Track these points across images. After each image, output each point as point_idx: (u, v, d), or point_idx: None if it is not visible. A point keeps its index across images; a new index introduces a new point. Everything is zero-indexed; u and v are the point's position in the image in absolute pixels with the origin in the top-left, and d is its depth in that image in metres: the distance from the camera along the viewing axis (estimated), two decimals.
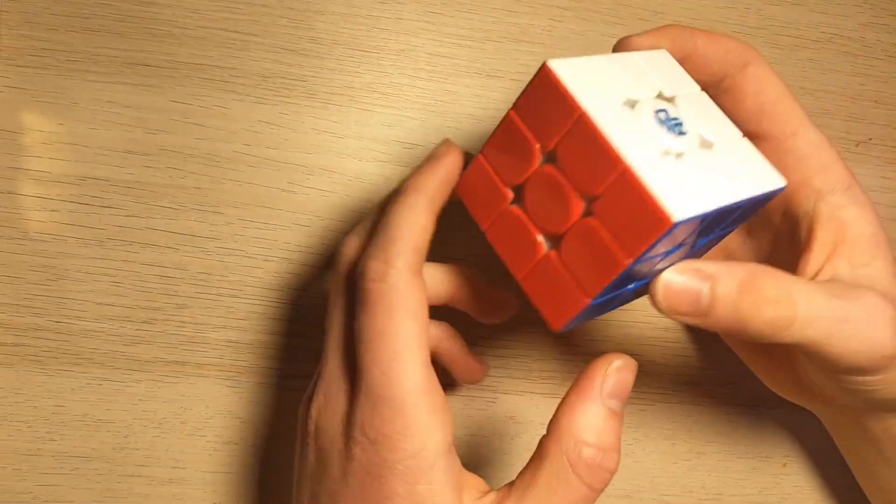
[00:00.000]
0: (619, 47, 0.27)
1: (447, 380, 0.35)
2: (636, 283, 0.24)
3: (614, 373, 0.23)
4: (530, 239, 0.24)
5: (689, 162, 0.22)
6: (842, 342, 0.24)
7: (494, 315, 0.30)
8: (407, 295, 0.23)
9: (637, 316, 0.36)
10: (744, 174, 0.23)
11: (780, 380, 0.31)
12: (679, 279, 0.23)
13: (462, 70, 0.36)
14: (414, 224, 0.24)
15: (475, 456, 0.35)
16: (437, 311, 0.29)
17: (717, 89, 0.28)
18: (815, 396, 0.30)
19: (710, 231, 0.24)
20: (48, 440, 0.32)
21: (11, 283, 0.32)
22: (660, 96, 0.24)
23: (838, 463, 0.36)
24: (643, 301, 0.25)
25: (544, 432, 0.35)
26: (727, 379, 0.37)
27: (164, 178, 0.33)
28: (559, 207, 0.22)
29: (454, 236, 0.33)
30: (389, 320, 0.23)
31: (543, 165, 0.23)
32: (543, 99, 0.22)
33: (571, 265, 0.23)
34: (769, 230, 0.29)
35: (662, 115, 0.23)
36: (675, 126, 0.23)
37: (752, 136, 0.28)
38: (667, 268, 0.23)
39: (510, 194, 0.24)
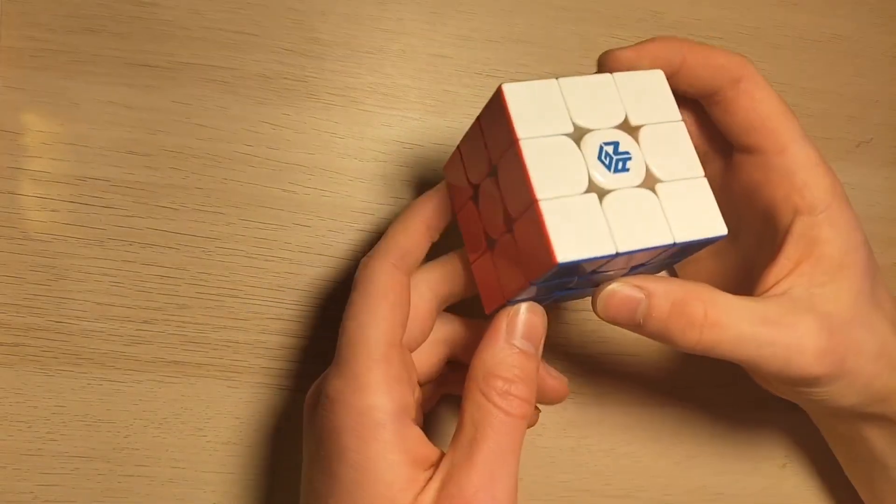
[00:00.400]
0: (603, 60, 0.27)
1: None
2: (581, 288, 0.26)
3: (520, 315, 0.25)
4: (479, 233, 0.26)
5: (614, 201, 0.23)
6: (767, 363, 0.26)
7: (545, 396, 0.31)
8: (380, 280, 0.26)
9: None
10: (680, 218, 0.23)
11: (754, 375, 0.32)
12: (621, 291, 0.25)
13: (462, 70, 0.36)
14: (401, 231, 0.27)
15: None
16: None
17: (708, 101, 0.28)
18: (786, 394, 0.31)
19: (646, 261, 0.24)
20: (48, 440, 0.32)
21: (11, 283, 0.32)
22: (624, 124, 0.24)
23: (838, 463, 0.36)
24: None
25: (543, 433, 0.36)
26: (727, 379, 0.37)
27: (165, 179, 0.33)
28: (495, 216, 0.24)
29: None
30: (362, 299, 0.26)
31: (490, 177, 0.24)
32: (496, 117, 0.23)
33: (498, 267, 0.25)
34: (755, 235, 0.30)
35: (610, 148, 0.23)
36: (619, 161, 0.23)
37: (742, 149, 0.29)
38: (614, 276, 0.25)
39: (471, 190, 0.26)
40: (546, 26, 0.37)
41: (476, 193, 0.26)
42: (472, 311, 0.30)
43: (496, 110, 0.23)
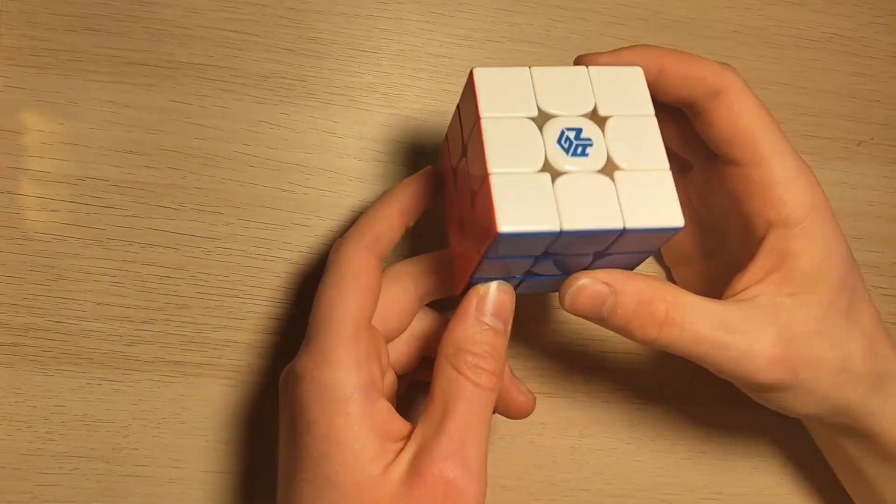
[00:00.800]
0: (577, 63, 0.27)
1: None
2: (549, 276, 0.26)
3: (490, 293, 0.26)
4: (457, 214, 0.27)
5: (568, 183, 0.23)
6: (720, 365, 0.27)
7: (511, 410, 0.31)
8: (352, 262, 0.27)
9: None
10: (634, 205, 0.23)
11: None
12: (591, 287, 0.25)
13: (462, 70, 0.36)
14: (376, 215, 0.28)
15: None
16: None
17: (689, 111, 0.29)
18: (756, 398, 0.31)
19: (613, 251, 0.24)
20: (48, 440, 0.32)
21: (11, 283, 0.32)
22: (591, 114, 0.24)
23: None
24: None
25: (544, 432, 0.35)
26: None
27: (164, 178, 0.33)
28: (465, 195, 0.25)
29: None
30: (334, 280, 0.27)
31: (463, 157, 0.25)
32: (468, 100, 0.24)
33: (465, 244, 0.26)
34: (739, 241, 0.30)
35: (571, 133, 0.24)
36: (579, 146, 0.24)
37: (723, 160, 0.29)
38: (580, 264, 0.25)
39: (452, 174, 0.27)
40: (546, 26, 0.37)
41: (454, 176, 0.27)
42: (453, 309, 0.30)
43: (468, 93, 0.24)
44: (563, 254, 0.24)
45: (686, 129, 0.30)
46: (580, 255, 0.25)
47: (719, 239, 0.32)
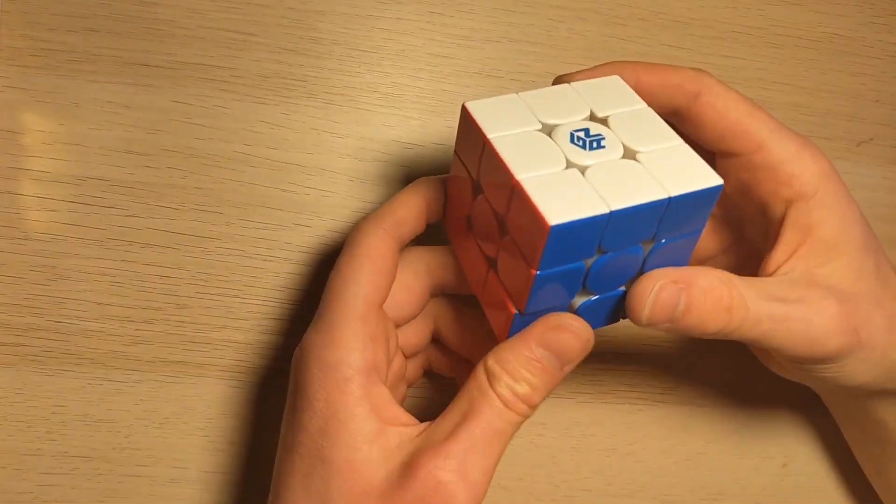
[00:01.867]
0: (556, 83, 0.28)
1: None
2: (605, 294, 0.25)
3: (562, 330, 0.25)
4: (479, 260, 0.26)
5: (597, 172, 0.23)
6: (783, 339, 0.26)
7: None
8: (369, 243, 0.27)
9: None
10: (669, 176, 0.23)
11: (767, 360, 0.32)
12: (667, 289, 0.24)
13: (462, 70, 0.36)
14: (400, 201, 0.28)
15: None
16: None
17: (675, 118, 0.29)
18: (801, 377, 0.31)
19: (664, 234, 0.24)
20: (48, 440, 0.32)
21: (11, 283, 0.32)
22: (591, 117, 0.25)
23: (839, 463, 0.36)
24: None
25: (544, 432, 0.35)
26: (728, 379, 0.37)
27: (164, 178, 0.33)
28: (489, 231, 0.25)
29: None
30: (349, 258, 0.27)
31: (477, 195, 0.25)
32: (468, 134, 0.24)
33: (503, 282, 0.25)
34: (758, 230, 0.31)
35: (581, 133, 0.24)
36: (592, 142, 0.24)
37: (721, 155, 0.29)
38: (633, 271, 0.25)
39: (465, 222, 0.26)
40: (546, 26, 0.37)
41: (469, 222, 0.26)
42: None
43: (466, 127, 0.24)
44: (615, 251, 0.24)
45: None
46: (632, 250, 0.24)
47: (735, 232, 0.32)
